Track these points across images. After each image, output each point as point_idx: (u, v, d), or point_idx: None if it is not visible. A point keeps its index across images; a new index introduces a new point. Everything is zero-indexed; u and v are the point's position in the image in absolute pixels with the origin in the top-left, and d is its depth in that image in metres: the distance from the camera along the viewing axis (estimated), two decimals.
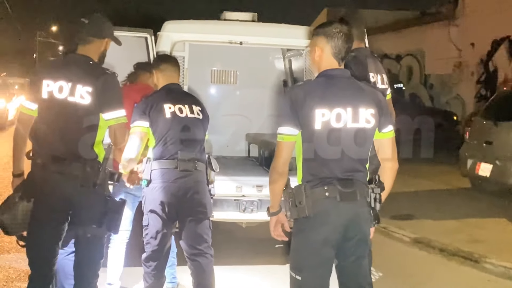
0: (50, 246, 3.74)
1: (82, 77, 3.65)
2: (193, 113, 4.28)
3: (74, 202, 3.70)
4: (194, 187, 4.21)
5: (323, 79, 3.18)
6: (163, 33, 5.58)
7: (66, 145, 3.67)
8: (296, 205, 3.11)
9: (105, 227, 3.80)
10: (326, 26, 3.21)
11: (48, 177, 3.67)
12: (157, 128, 4.17)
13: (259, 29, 5.97)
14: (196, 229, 4.25)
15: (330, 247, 3.11)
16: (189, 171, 4.18)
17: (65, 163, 3.64)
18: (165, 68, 4.39)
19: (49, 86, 3.66)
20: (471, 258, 6.27)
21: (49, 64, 3.83)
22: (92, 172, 3.66)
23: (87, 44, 3.78)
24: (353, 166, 3.14)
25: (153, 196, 4.18)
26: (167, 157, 4.16)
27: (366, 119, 3.12)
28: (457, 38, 18.47)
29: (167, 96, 4.25)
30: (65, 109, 3.65)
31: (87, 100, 3.63)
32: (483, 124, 9.11)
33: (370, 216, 3.20)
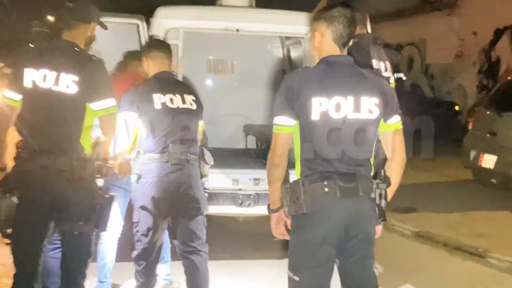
0: (36, 243, 3.54)
1: (67, 65, 3.43)
2: (185, 104, 4.04)
3: (60, 197, 3.49)
4: (187, 181, 4.00)
5: (323, 66, 2.95)
6: (156, 20, 5.35)
7: (52, 137, 3.46)
8: (294, 201, 2.89)
9: (93, 224, 3.60)
10: (327, 10, 2.97)
11: (33, 171, 3.46)
12: (146, 120, 3.95)
13: (256, 15, 5.75)
14: (189, 226, 4.06)
15: (329, 246, 2.89)
16: (181, 165, 3.96)
17: (50, 157, 3.43)
18: (155, 55, 4.13)
19: (32, 75, 3.43)
20: (475, 252, 6.08)
21: (31, 51, 3.58)
22: (79, 166, 3.45)
23: (72, 29, 3.56)
24: (354, 160, 2.91)
25: (144, 191, 3.98)
26: (158, 151, 3.94)
27: (369, 109, 2.89)
28: (458, 27, 18.23)
29: (157, 86, 4.01)
30: (50, 100, 3.43)
31: (73, 89, 3.41)
32: (487, 115, 8.89)
33: (375, 213, 2.97)
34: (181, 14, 5.53)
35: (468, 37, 17.92)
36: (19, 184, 3.52)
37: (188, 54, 5.89)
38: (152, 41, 4.54)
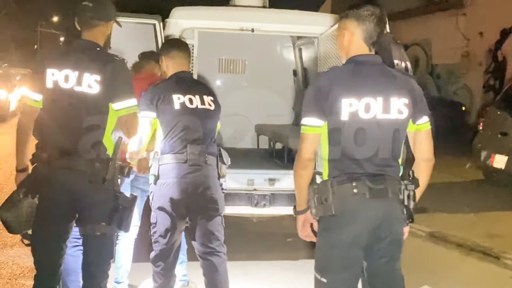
0: (57, 244, 3.52)
1: (89, 65, 3.40)
2: (204, 104, 4.00)
3: (82, 199, 3.46)
4: (205, 182, 3.96)
5: (352, 66, 2.92)
6: (172, 20, 5.33)
7: (74, 138, 3.41)
8: (322, 203, 2.86)
9: (115, 225, 3.56)
10: (357, 8, 2.93)
11: (54, 172, 3.42)
12: (165, 120, 3.92)
13: (271, 15, 5.73)
14: (208, 227, 4.02)
15: (358, 248, 2.87)
16: (199, 165, 3.92)
17: (72, 158, 3.39)
18: (175, 54, 4.09)
19: (54, 75, 3.40)
20: (490, 253, 6.06)
21: (53, 52, 3.57)
22: (101, 167, 3.42)
23: (93, 28, 3.53)
24: (383, 160, 2.88)
25: (161, 192, 3.94)
26: (176, 151, 3.90)
27: (398, 110, 2.86)
28: (465, 27, 18.17)
29: (176, 86, 3.98)
30: (72, 100, 3.40)
31: (95, 89, 3.38)
32: (498, 115, 8.88)
33: (403, 214, 2.95)
34: (197, 15, 5.51)
35: (474, 37, 17.85)
36: (40, 185, 3.49)
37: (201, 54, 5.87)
38: (171, 40, 4.49)
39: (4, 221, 3.59)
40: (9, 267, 5.39)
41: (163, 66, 4.16)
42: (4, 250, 5.88)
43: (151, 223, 4.07)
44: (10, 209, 3.55)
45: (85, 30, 3.54)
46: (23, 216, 3.54)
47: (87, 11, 3.52)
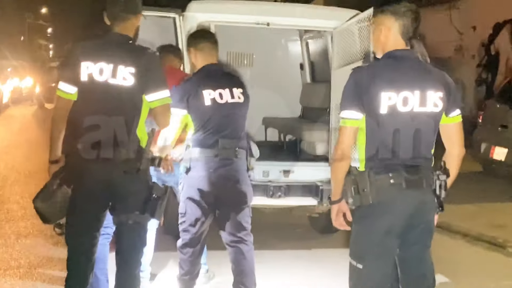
0: (91, 234, 3.60)
1: (123, 58, 3.47)
2: (234, 97, 4.07)
3: (117, 189, 3.54)
4: (235, 176, 4.06)
5: (390, 61, 3.03)
6: (188, 14, 5.40)
7: (108, 129, 3.48)
8: (359, 192, 2.98)
9: (148, 214, 3.64)
10: (394, 4, 3.04)
11: (89, 163, 3.50)
12: (196, 116, 4.01)
13: (286, 9, 5.84)
14: (237, 217, 4.13)
15: (394, 236, 3.00)
16: (230, 159, 4.02)
17: (107, 148, 3.47)
18: (204, 46, 4.14)
19: (89, 68, 3.46)
20: (496, 243, 6.24)
21: (87, 45, 3.61)
22: (135, 158, 3.50)
23: (124, 22, 3.58)
24: (419, 152, 3.00)
25: (192, 184, 4.05)
26: (207, 145, 4.00)
27: (434, 103, 2.98)
28: (458, 21, 18.32)
29: (206, 80, 4.04)
30: (107, 92, 3.47)
31: (130, 81, 3.45)
32: (497, 108, 9.05)
33: (435, 203, 3.08)
34: (213, 8, 5.58)
35: (467, 31, 18.03)
36: (74, 175, 3.57)
37: None
38: (199, 32, 4.49)
39: (39, 211, 3.67)
40: (27, 256, 5.46)
41: (192, 58, 4.22)
42: (19, 240, 5.96)
43: (180, 213, 4.17)
44: (44, 200, 3.63)
45: (116, 23, 3.59)
46: (57, 206, 3.62)
47: (118, 5, 3.57)
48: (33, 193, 3.69)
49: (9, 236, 6.06)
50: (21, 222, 6.53)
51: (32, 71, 28.20)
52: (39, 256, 5.49)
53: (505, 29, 16.53)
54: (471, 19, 17.61)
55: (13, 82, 23.27)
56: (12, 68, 25.01)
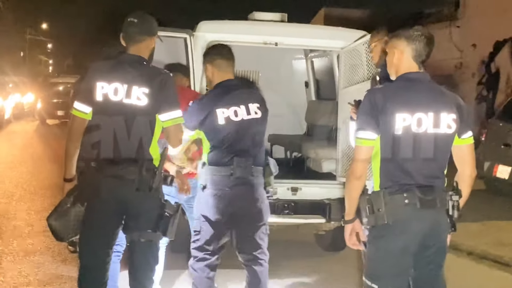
0: (104, 250, 3.66)
1: (138, 78, 3.55)
2: (250, 114, 4.01)
3: (129, 206, 3.60)
4: (251, 194, 4.03)
5: (403, 83, 3.12)
6: (198, 33, 5.47)
7: (123, 148, 3.56)
8: (374, 212, 3.04)
9: (160, 232, 3.69)
10: (407, 29, 3.14)
11: (102, 180, 3.57)
12: (210, 134, 4.01)
13: (294, 29, 5.89)
14: (253, 236, 4.12)
15: (408, 256, 3.05)
16: (245, 178, 3.99)
17: (121, 167, 3.54)
18: (220, 63, 4.12)
19: (104, 88, 3.54)
20: (501, 261, 6.26)
21: (102, 66, 3.69)
22: (148, 176, 3.56)
23: (139, 43, 3.66)
24: (432, 172, 3.08)
25: (207, 201, 4.04)
26: (223, 164, 3.97)
27: (447, 125, 3.06)
28: (458, 39, 18.53)
29: (220, 98, 4.01)
30: (121, 112, 3.54)
31: (143, 101, 3.53)
32: (500, 127, 9.12)
33: (448, 223, 3.14)
34: (223, 28, 5.66)
35: (467, 49, 18.21)
36: (88, 193, 3.62)
37: None
38: (215, 47, 4.41)
39: (53, 229, 3.72)
40: (35, 273, 5.47)
41: (208, 75, 4.21)
42: (27, 257, 5.97)
43: (194, 231, 4.16)
44: (58, 218, 3.68)
45: (131, 45, 3.67)
46: (70, 224, 3.67)
47: (133, 26, 3.65)
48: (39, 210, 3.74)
49: (18, 253, 6.08)
50: (29, 239, 6.54)
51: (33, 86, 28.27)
52: (48, 273, 5.50)
53: (506, 47, 16.66)
54: (471, 37, 17.80)
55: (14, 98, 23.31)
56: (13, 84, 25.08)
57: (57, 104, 21.00)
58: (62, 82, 23.28)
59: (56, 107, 21.13)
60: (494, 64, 17.18)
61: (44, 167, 11.64)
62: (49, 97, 22.14)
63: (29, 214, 7.66)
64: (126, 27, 3.67)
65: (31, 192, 9.22)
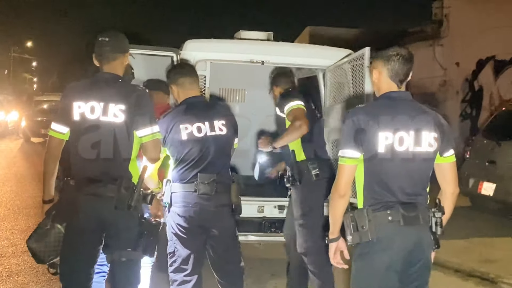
0: (85, 270, 3.64)
1: (114, 96, 3.58)
2: (214, 130, 3.99)
3: (108, 224, 3.60)
4: (214, 211, 3.99)
5: (385, 102, 3.16)
6: (185, 52, 5.50)
7: (101, 166, 3.58)
8: (358, 230, 3.05)
9: (140, 250, 3.69)
10: (384, 49, 3.19)
11: (81, 199, 3.57)
12: (174, 151, 3.98)
13: (281, 48, 5.94)
14: (222, 253, 4.09)
15: (394, 273, 3.05)
16: (209, 194, 3.95)
17: (99, 185, 3.55)
18: (183, 81, 4.12)
19: (80, 107, 3.57)
20: (488, 278, 6.28)
21: (78, 86, 3.70)
22: (127, 194, 3.56)
23: (113, 61, 3.69)
24: (415, 190, 3.10)
25: (174, 220, 4.00)
26: (186, 180, 3.96)
27: (429, 143, 3.09)
28: (442, 57, 18.71)
29: (184, 115, 4.00)
30: (99, 130, 3.56)
31: (120, 118, 3.56)
32: (484, 144, 9.21)
33: (432, 240, 3.16)
34: (209, 47, 5.69)
35: (451, 67, 18.39)
36: (67, 212, 3.62)
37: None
38: (176, 67, 4.41)
39: (33, 251, 3.70)
40: None
41: (174, 95, 4.22)
42: (11, 277, 5.89)
43: (169, 253, 4.07)
44: (38, 240, 3.67)
45: (104, 63, 3.69)
46: (50, 246, 3.66)
47: (105, 45, 3.68)
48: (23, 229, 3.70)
49: (1, 273, 6.00)
50: (13, 259, 6.46)
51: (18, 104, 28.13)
52: None
53: (488, 66, 16.89)
54: (455, 56, 17.99)
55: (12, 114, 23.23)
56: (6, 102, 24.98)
57: (42, 122, 20.82)
58: (47, 100, 23.10)
59: (41, 125, 20.96)
60: (477, 82, 17.42)
61: (28, 186, 11.53)
62: (34, 115, 22.01)
63: (13, 233, 7.57)
64: (98, 46, 3.69)
65: (15, 212, 9.11)
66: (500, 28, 15.64)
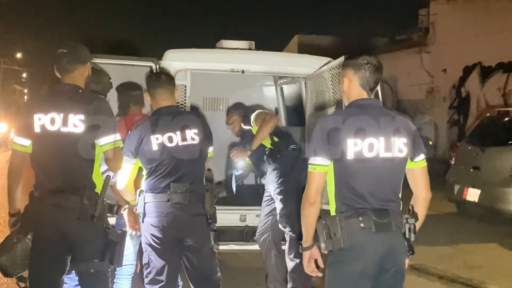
0: (53, 280, 3.64)
1: (73, 106, 3.59)
2: (186, 140, 3.95)
3: (72, 236, 3.59)
4: (188, 220, 3.95)
5: (354, 109, 3.16)
6: (165, 62, 5.51)
7: (64, 177, 3.59)
8: (331, 237, 3.04)
9: (107, 261, 3.68)
10: (354, 58, 3.20)
11: (44, 210, 3.58)
12: (146, 161, 3.95)
13: (261, 57, 5.96)
14: (197, 264, 4.05)
15: (367, 279, 3.04)
16: (182, 204, 3.91)
17: (62, 196, 3.55)
18: (156, 92, 4.07)
19: (41, 119, 3.58)
20: (471, 284, 6.27)
21: (38, 98, 3.76)
22: (89, 204, 3.56)
23: (72, 72, 3.70)
24: (386, 196, 3.11)
25: (148, 230, 3.96)
26: (159, 190, 3.92)
27: (399, 149, 3.10)
28: (429, 64, 18.84)
29: (155, 125, 3.96)
30: (60, 141, 3.58)
31: (80, 128, 3.56)
32: (469, 150, 9.25)
33: (405, 247, 3.16)
34: (189, 57, 5.70)
35: (438, 74, 18.52)
36: (32, 223, 3.62)
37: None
38: (151, 77, 4.35)
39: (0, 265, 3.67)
40: None
41: (150, 104, 4.19)
42: None
43: (144, 264, 4.03)
44: (4, 253, 3.65)
45: (65, 75, 3.71)
46: (17, 260, 3.64)
47: (63, 57, 3.69)
48: None
49: None
50: None
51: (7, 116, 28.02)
52: None
53: (475, 72, 17.01)
54: (441, 62, 18.13)
55: None
56: None
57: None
58: None
59: None
60: (464, 88, 17.54)
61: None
62: None
63: None
64: (57, 58, 3.71)
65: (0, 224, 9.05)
66: (486, 34, 15.79)
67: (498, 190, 8.37)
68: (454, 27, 17.39)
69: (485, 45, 15.78)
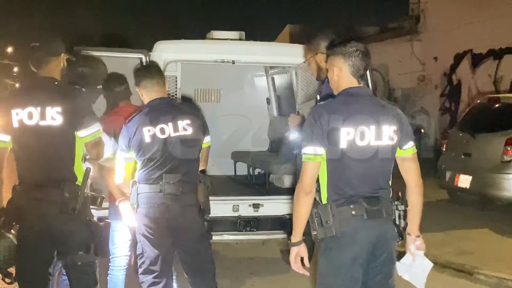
0: (41, 272, 3.67)
1: (50, 99, 3.59)
2: (178, 131, 3.95)
3: (56, 229, 3.60)
4: (181, 211, 3.96)
5: (345, 98, 3.17)
6: (155, 53, 5.50)
7: (45, 170, 3.60)
8: (323, 225, 3.08)
9: (92, 253, 3.69)
10: (342, 45, 3.19)
11: (27, 204, 3.59)
12: (138, 153, 3.95)
13: (251, 47, 5.97)
14: (191, 254, 4.07)
15: (359, 266, 3.09)
16: (175, 195, 3.92)
17: (44, 189, 3.56)
18: (146, 83, 4.06)
19: (18, 114, 3.58)
20: (464, 270, 6.35)
21: (15, 93, 3.77)
22: (71, 197, 3.57)
23: (47, 64, 3.70)
24: (377, 183, 3.14)
25: (141, 221, 3.98)
26: (151, 181, 3.94)
27: (389, 136, 3.12)
28: (420, 52, 18.84)
29: (148, 117, 3.96)
30: (39, 135, 3.58)
31: (58, 120, 3.57)
32: (460, 136, 9.29)
33: (395, 233, 3.20)
34: (179, 48, 5.70)
35: (429, 62, 18.53)
36: (15, 217, 3.63)
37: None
38: (140, 69, 4.31)
39: None
40: None
41: (141, 96, 4.18)
42: None
43: (138, 255, 4.03)
44: None
45: (40, 68, 3.71)
46: (1, 256, 3.65)
47: (37, 50, 3.69)
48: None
49: None
50: None
51: None
52: None
53: (465, 59, 17.05)
54: (432, 50, 18.13)
55: None
56: None
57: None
58: None
59: None
60: (455, 76, 17.58)
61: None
62: None
63: None
64: (31, 52, 3.71)
65: None
66: (476, 22, 15.79)
67: (489, 176, 8.41)
68: (444, 15, 17.37)
69: (475, 32, 15.79)
